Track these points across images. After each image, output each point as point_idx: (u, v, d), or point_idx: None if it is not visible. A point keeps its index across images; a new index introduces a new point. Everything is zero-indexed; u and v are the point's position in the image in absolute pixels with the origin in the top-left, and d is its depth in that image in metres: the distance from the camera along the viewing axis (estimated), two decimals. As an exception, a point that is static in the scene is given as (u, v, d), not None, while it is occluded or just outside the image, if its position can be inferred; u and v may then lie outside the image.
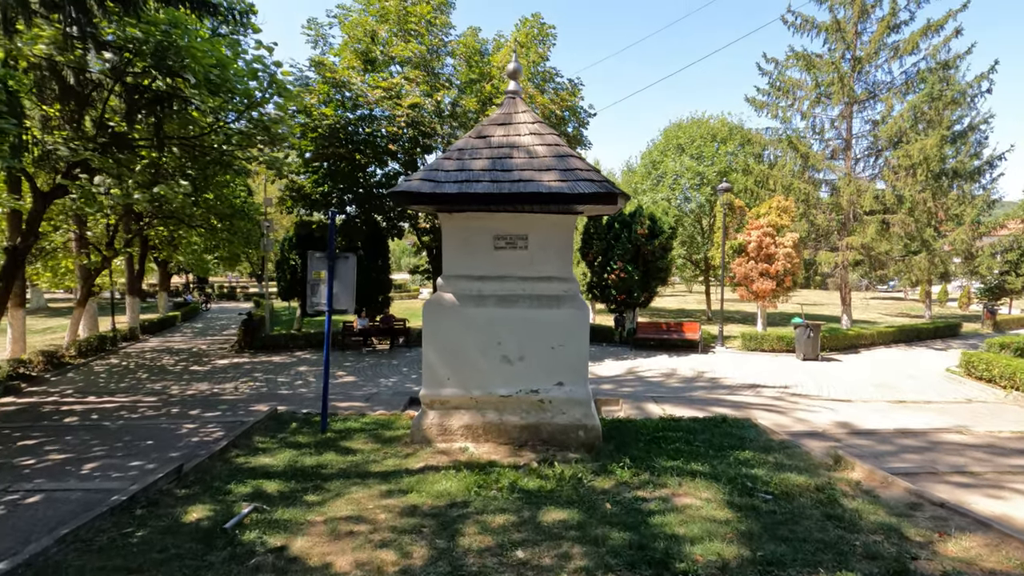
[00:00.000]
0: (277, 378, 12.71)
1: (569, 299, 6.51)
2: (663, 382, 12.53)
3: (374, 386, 11.86)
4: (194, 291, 45.81)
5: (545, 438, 6.48)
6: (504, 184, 5.88)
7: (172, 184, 11.38)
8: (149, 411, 9.20)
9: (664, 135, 29.86)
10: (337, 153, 16.25)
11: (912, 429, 8.12)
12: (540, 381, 6.47)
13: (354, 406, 9.59)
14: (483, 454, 6.20)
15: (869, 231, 18.39)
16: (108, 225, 16.48)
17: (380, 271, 19.12)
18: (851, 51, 19.58)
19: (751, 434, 7.17)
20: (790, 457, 6.11)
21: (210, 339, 20.46)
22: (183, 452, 6.52)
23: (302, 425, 7.58)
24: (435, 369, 6.54)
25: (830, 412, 9.53)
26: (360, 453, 6.29)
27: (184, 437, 7.26)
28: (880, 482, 5.13)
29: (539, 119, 6.84)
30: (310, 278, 7.33)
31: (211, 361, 15.16)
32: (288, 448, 6.44)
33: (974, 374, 12.77)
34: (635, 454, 6.11)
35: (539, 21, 17.15)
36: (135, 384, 11.92)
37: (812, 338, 15.30)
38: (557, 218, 6.51)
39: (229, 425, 7.74)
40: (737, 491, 4.88)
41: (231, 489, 5.06)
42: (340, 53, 16.40)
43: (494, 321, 6.41)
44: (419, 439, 6.57)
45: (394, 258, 72.67)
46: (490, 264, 6.52)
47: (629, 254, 18.01)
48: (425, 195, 5.90)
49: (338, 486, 5.18)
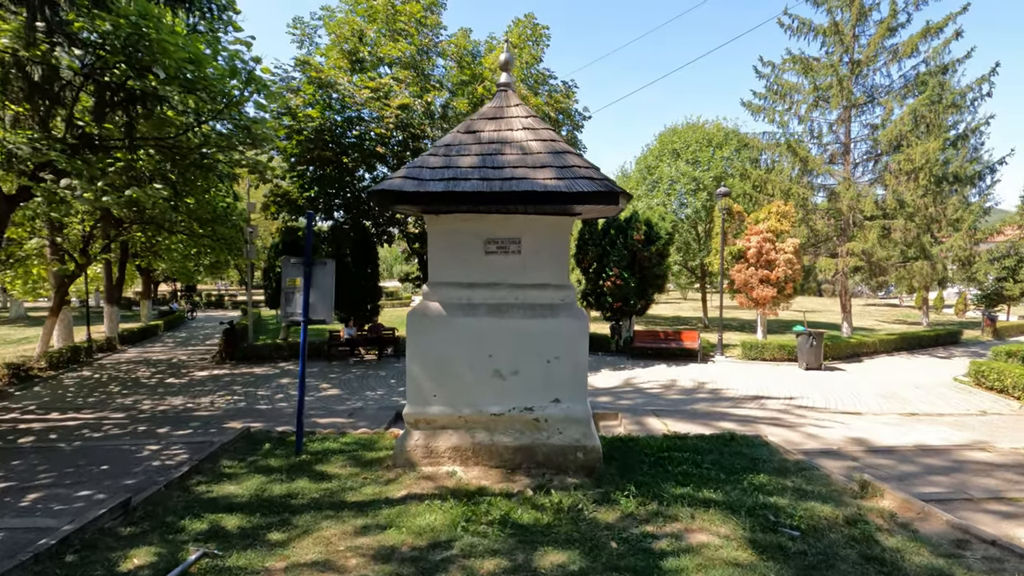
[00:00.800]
0: (257, 391, 12.04)
1: (566, 308, 5.96)
2: (663, 394, 11.98)
3: (359, 400, 11.23)
4: (181, 299, 44.89)
5: (540, 460, 5.90)
6: (495, 182, 5.33)
7: (147, 187, 10.75)
8: (114, 429, 8.54)
9: (659, 140, 29.48)
10: (323, 156, 15.67)
11: (932, 446, 7.61)
12: (535, 398, 5.91)
13: (336, 423, 8.97)
14: (472, 479, 5.62)
15: (870, 236, 18.00)
16: (84, 231, 15.80)
17: (369, 279, 18.49)
18: (849, 54, 19.29)
19: (763, 453, 6.62)
20: (810, 481, 5.56)
21: (192, 349, 19.73)
22: (139, 479, 5.89)
23: (276, 446, 6.95)
24: (420, 385, 5.96)
25: (841, 427, 9.01)
26: (336, 479, 5.68)
27: (145, 460, 6.62)
28: (917, 513, 4.58)
29: (533, 113, 6.31)
30: (284, 285, 6.74)
31: (189, 373, 14.47)
32: (257, 473, 5.83)
33: (984, 384, 12.31)
34: (640, 479, 5.55)
35: (532, 22, 16.70)
36: (104, 399, 11.23)
37: (815, 347, 14.82)
38: (553, 220, 5.97)
39: (196, 447, 7.10)
40: (759, 526, 4.32)
41: (184, 526, 4.45)
42: (327, 53, 15.87)
43: (484, 332, 5.85)
44: (402, 462, 5.98)
45: (386, 265, 72.10)
46: (480, 270, 5.97)
47: (625, 260, 17.50)
48: (408, 194, 5.34)
49: (308, 520, 4.58)
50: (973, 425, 9.24)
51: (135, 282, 32.87)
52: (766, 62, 20.96)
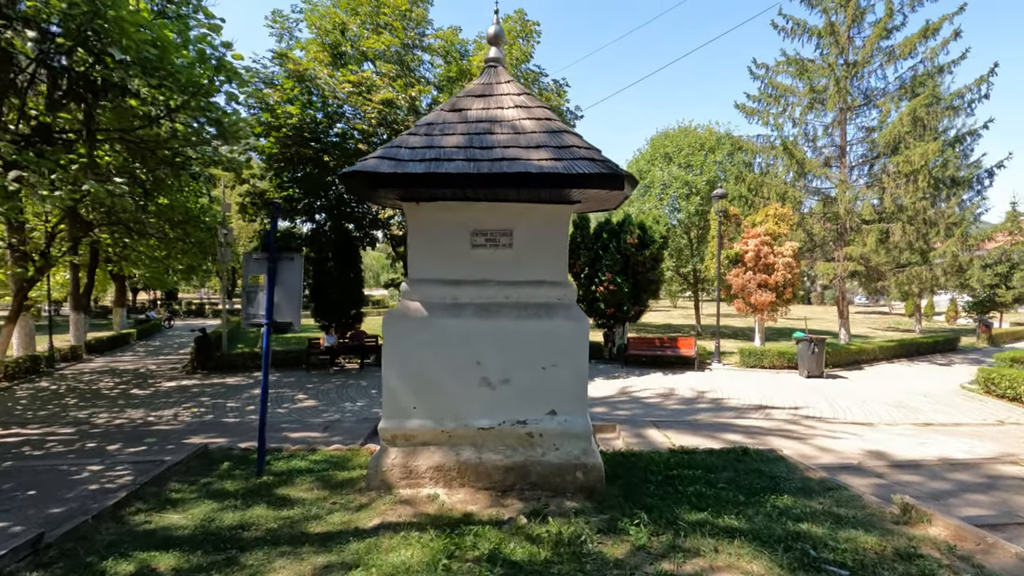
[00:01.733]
0: (227, 403, 11.18)
1: (564, 308, 5.28)
2: (661, 403, 11.31)
3: (336, 411, 10.43)
4: (160, 307, 43.58)
5: (535, 481, 5.19)
6: (483, 163, 4.65)
7: (106, 183, 9.91)
8: (58, 447, 7.67)
9: (651, 144, 29.02)
10: (303, 155, 14.92)
11: (959, 460, 7.00)
12: (528, 410, 5.20)
13: (308, 437, 8.17)
14: (457, 504, 4.89)
15: (869, 241, 17.57)
16: (47, 231, 14.85)
17: (351, 284, 17.66)
18: (844, 56, 18.96)
19: (781, 470, 5.96)
20: (841, 503, 4.89)
21: (163, 359, 18.72)
22: (69, 507, 5.07)
23: (236, 465, 6.16)
24: (397, 396, 5.23)
25: (855, 438, 8.39)
26: (300, 505, 4.92)
27: (81, 484, 5.79)
28: (978, 544, 3.92)
29: (526, 91, 5.65)
30: (247, 284, 5.98)
31: (156, 384, 13.54)
32: (208, 499, 5.04)
33: (995, 392, 11.80)
34: (649, 502, 4.85)
35: (522, 17, 16.16)
36: (57, 412, 10.32)
37: (816, 354, 14.26)
38: (549, 208, 5.30)
39: (145, 467, 6.29)
40: (797, 562, 3.64)
41: (106, 569, 3.67)
42: (306, 47, 15.15)
43: (471, 335, 5.15)
44: (377, 484, 5.22)
45: (372, 273, 71.03)
46: (467, 266, 5.28)
47: (618, 265, 16.89)
48: (384, 176, 4.63)
49: (258, 559, 3.83)
50: (993, 436, 8.67)
51: (110, 289, 31.64)
52: (760, 64, 20.61)
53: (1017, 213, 32.17)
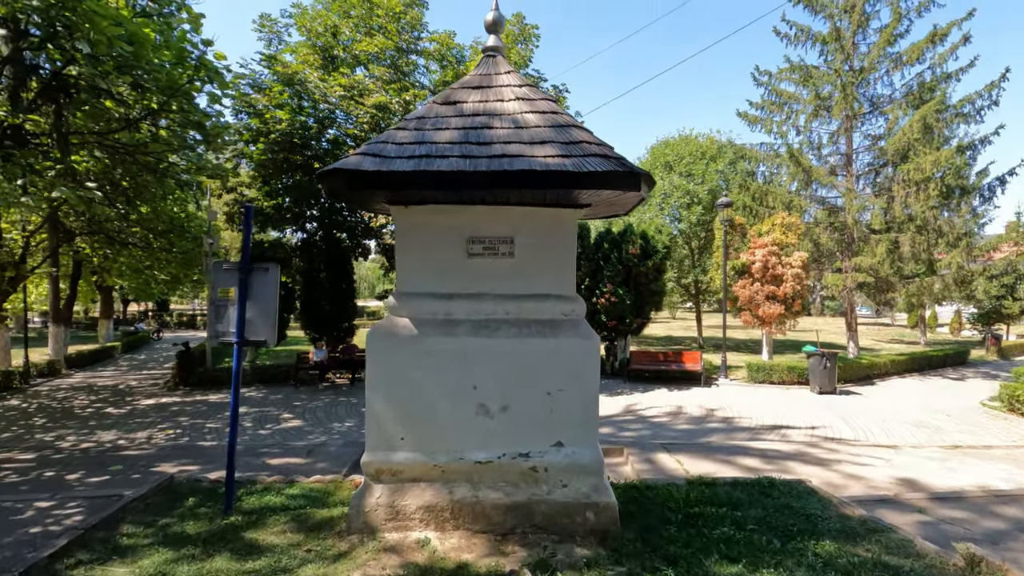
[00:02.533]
0: (206, 423, 10.48)
1: (571, 325, 4.67)
2: (670, 423, 10.66)
3: (323, 432, 9.75)
4: (150, 319, 42.76)
5: (539, 523, 4.54)
6: (480, 160, 4.05)
7: (78, 188, 9.28)
8: (11, 476, 6.97)
9: (651, 153, 28.60)
10: (293, 161, 14.33)
11: (1005, 492, 6.37)
12: (532, 441, 4.57)
13: (289, 464, 7.50)
14: (451, 551, 4.24)
15: (879, 251, 17.03)
16: (24, 240, 14.21)
17: (343, 296, 16.99)
18: (849, 62, 18.56)
19: (815, 507, 5.31)
20: (891, 550, 4.26)
21: (146, 373, 17.96)
22: (2, 556, 4.38)
23: (202, 501, 5.48)
24: (383, 425, 4.59)
25: (883, 463, 7.77)
26: (269, 553, 4.25)
27: (23, 525, 5.09)
28: (1074, 612, 3.29)
29: (528, 82, 5.07)
30: (214, 298, 5.34)
31: (134, 401, 12.81)
32: (163, 546, 4.36)
33: (1019, 409, 11.22)
34: (672, 550, 4.20)
35: (521, 21, 15.70)
36: (20, 434, 9.59)
37: (828, 368, 13.64)
38: (555, 212, 4.70)
39: (100, 503, 5.59)
40: (863, 639, 2.99)
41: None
42: (296, 49, 14.63)
43: (467, 356, 4.53)
44: (359, 527, 4.56)
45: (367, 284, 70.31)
46: (462, 277, 4.67)
47: (620, 276, 16.31)
48: (367, 175, 4.02)
49: (209, 632, 3.15)
50: (1030, 460, 8.06)
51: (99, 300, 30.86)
52: (763, 71, 20.21)
53: (1020, 224, 31.80)
